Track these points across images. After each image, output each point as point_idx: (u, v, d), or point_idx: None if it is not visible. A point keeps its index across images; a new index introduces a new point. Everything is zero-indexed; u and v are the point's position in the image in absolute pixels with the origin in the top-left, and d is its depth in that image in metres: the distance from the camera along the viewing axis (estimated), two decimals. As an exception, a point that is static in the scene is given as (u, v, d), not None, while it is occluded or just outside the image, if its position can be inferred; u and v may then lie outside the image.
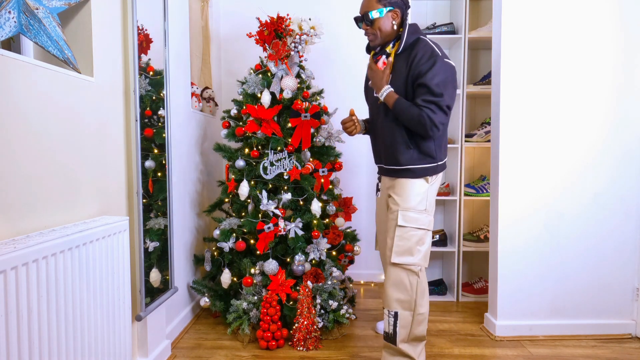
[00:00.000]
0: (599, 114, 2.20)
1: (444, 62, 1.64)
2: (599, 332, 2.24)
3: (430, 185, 1.73)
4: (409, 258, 1.69)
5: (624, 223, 2.23)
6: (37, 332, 1.06)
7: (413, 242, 1.69)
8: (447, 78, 1.63)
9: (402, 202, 1.72)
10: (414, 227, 1.70)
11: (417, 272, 1.69)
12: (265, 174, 2.23)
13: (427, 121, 1.60)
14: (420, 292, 1.70)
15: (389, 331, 1.72)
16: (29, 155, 1.17)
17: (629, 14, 2.17)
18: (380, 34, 1.74)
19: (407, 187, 1.72)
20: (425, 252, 1.72)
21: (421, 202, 1.71)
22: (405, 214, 1.70)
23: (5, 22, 1.11)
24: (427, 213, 1.72)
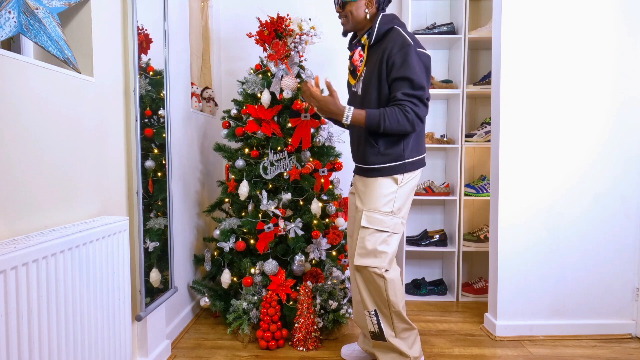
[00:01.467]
0: (600, 115, 2.20)
1: (417, 52, 1.57)
2: (599, 332, 2.24)
3: (400, 186, 1.66)
4: (372, 260, 1.64)
5: (624, 224, 2.23)
6: (37, 332, 1.06)
7: (376, 244, 1.63)
8: (422, 69, 1.56)
9: (368, 202, 1.67)
10: (377, 229, 1.64)
11: (382, 275, 1.64)
12: (265, 174, 2.23)
13: (413, 115, 1.53)
14: (391, 290, 1.65)
15: (375, 330, 1.70)
16: (29, 155, 1.17)
17: (631, 13, 2.17)
18: (351, 19, 1.69)
19: (374, 188, 1.67)
20: (390, 255, 1.66)
21: (387, 204, 1.65)
22: (369, 214, 1.65)
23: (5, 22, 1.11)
24: (393, 215, 1.66)
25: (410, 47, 1.56)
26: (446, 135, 3.00)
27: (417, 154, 1.69)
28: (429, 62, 1.62)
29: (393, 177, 1.66)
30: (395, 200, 1.66)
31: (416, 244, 2.87)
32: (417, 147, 1.69)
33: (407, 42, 1.57)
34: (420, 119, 1.56)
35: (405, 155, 1.65)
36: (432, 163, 3.09)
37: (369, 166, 1.68)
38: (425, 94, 1.56)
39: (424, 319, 2.47)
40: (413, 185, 1.71)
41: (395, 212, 1.66)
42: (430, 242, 2.87)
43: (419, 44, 1.62)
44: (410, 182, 1.69)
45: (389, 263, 1.65)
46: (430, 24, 2.93)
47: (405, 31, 1.63)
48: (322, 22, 2.42)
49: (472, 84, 2.79)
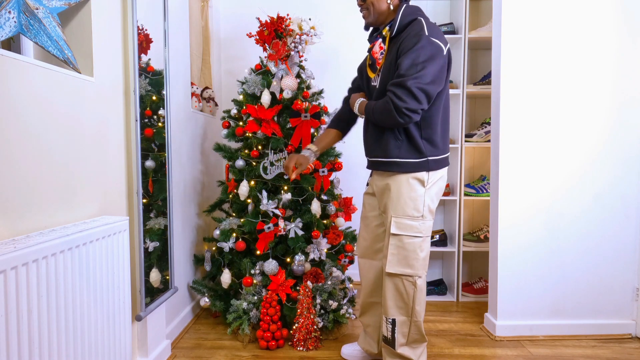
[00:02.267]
0: (600, 114, 2.20)
1: (429, 40, 1.46)
2: (599, 332, 2.24)
3: (427, 188, 1.60)
4: (405, 268, 1.60)
5: (624, 224, 2.23)
6: (37, 332, 1.06)
7: (409, 250, 1.59)
8: (423, 58, 1.44)
9: (396, 207, 1.60)
10: (409, 234, 1.59)
11: (414, 282, 1.60)
12: (265, 174, 2.23)
13: (392, 107, 1.45)
14: (417, 299, 1.62)
15: (387, 335, 1.67)
16: (29, 155, 1.17)
17: (632, 14, 2.17)
18: (373, 11, 1.61)
19: (401, 191, 1.60)
20: (423, 260, 1.62)
21: (416, 208, 1.59)
22: (398, 220, 1.59)
23: (5, 22, 1.11)
24: (423, 219, 1.60)
25: (422, 36, 1.46)
26: (446, 135, 3.00)
27: (442, 152, 1.62)
28: (441, 53, 1.48)
29: (418, 178, 1.59)
30: (424, 203, 1.60)
31: (416, 244, 2.87)
32: (442, 146, 1.62)
33: (421, 32, 1.48)
34: (402, 112, 1.45)
35: (426, 152, 1.58)
36: (432, 163, 3.08)
37: (389, 159, 1.60)
38: (414, 85, 1.42)
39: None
40: (442, 185, 1.65)
41: (427, 215, 1.61)
42: (430, 242, 2.87)
43: (437, 33, 1.51)
44: (438, 182, 1.63)
45: (422, 269, 1.62)
46: (430, 24, 2.93)
47: (428, 23, 1.53)
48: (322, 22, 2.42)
49: (472, 84, 2.79)
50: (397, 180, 1.61)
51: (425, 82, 1.44)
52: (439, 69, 1.49)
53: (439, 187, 1.65)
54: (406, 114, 1.45)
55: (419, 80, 1.43)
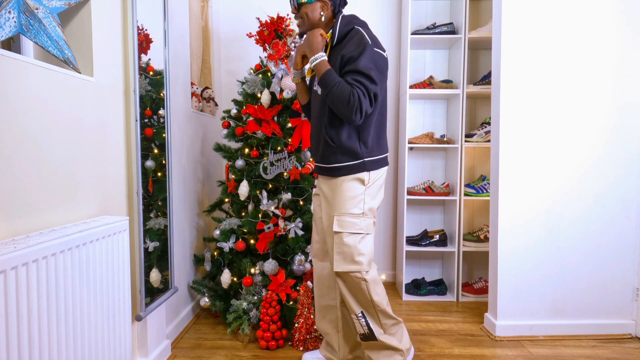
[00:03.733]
0: (600, 115, 2.20)
1: (374, 50, 1.56)
2: (599, 332, 2.24)
3: (367, 186, 1.65)
4: (351, 266, 1.63)
5: (624, 224, 2.23)
6: (37, 332, 1.06)
7: (352, 247, 1.63)
8: (375, 66, 1.54)
9: (337, 206, 1.65)
10: (350, 231, 1.63)
11: (363, 277, 1.63)
12: (265, 174, 2.23)
13: (356, 102, 1.50)
14: (373, 289, 1.65)
15: (365, 332, 1.69)
16: (29, 155, 1.17)
17: (630, 14, 2.17)
18: (307, 21, 1.68)
19: (341, 190, 1.65)
20: (368, 256, 1.65)
21: (357, 206, 1.64)
22: (340, 219, 1.63)
23: (5, 22, 1.11)
24: (364, 217, 1.64)
25: (367, 44, 1.55)
26: (446, 135, 3.01)
27: (378, 154, 1.68)
28: (384, 63, 1.61)
29: (359, 177, 1.64)
30: (364, 201, 1.65)
31: (416, 244, 2.87)
32: (378, 147, 1.68)
33: (365, 40, 1.57)
34: (361, 109, 1.51)
35: (362, 154, 1.63)
36: (432, 163, 3.09)
37: (330, 165, 1.66)
38: (373, 90, 1.52)
39: (424, 319, 2.47)
40: (380, 184, 1.71)
41: (367, 213, 1.66)
42: (430, 242, 2.87)
43: (378, 44, 1.61)
44: (377, 181, 1.69)
45: (368, 264, 1.65)
46: (430, 24, 2.93)
47: (366, 31, 1.62)
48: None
49: (472, 84, 2.79)
50: (339, 182, 1.66)
51: (377, 88, 1.55)
52: (383, 76, 1.61)
53: (378, 186, 1.70)
54: (363, 111, 1.53)
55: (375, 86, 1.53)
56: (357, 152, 1.63)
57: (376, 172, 1.68)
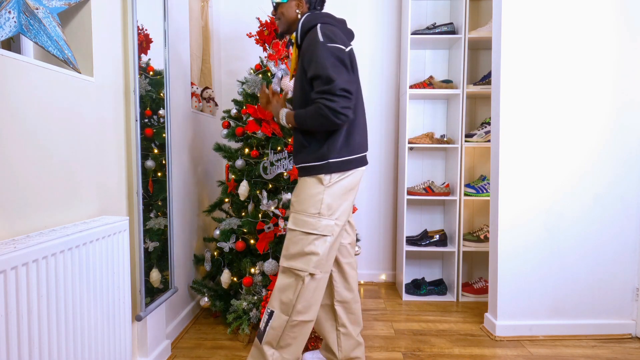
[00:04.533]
0: (600, 115, 2.20)
1: (326, 47, 1.50)
2: (599, 332, 2.24)
3: (327, 186, 1.58)
4: (296, 262, 1.58)
5: (624, 223, 2.23)
6: (37, 332, 1.06)
7: (303, 245, 1.58)
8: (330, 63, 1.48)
9: (295, 203, 1.62)
10: (304, 230, 1.58)
11: (303, 278, 1.57)
12: (265, 174, 2.23)
13: (327, 111, 1.46)
14: (303, 298, 1.58)
15: (261, 327, 1.64)
16: (29, 155, 1.17)
17: (630, 14, 2.17)
18: (283, 20, 1.69)
19: (301, 188, 1.63)
20: (317, 259, 1.57)
21: (314, 206, 1.58)
22: (296, 216, 1.60)
23: (5, 22, 1.11)
24: (320, 217, 1.58)
25: (318, 44, 1.51)
26: (446, 135, 3.01)
27: (347, 154, 1.61)
28: (340, 54, 1.52)
29: (318, 177, 1.59)
30: (322, 201, 1.58)
31: (416, 244, 2.87)
32: (347, 148, 1.61)
33: (316, 40, 1.52)
34: (337, 112, 1.47)
35: (328, 155, 1.58)
36: (432, 163, 3.09)
37: (299, 165, 1.64)
38: (338, 86, 1.46)
39: (424, 319, 2.47)
40: (346, 185, 1.62)
41: (324, 213, 1.58)
42: (430, 242, 2.87)
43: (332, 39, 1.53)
44: (342, 181, 1.61)
45: (315, 267, 1.58)
46: (430, 24, 2.93)
47: (326, 28, 1.56)
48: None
49: (472, 84, 2.79)
50: (301, 181, 1.65)
51: (345, 83, 1.48)
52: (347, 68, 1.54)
53: (342, 187, 1.61)
54: (341, 112, 1.47)
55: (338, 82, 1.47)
56: (323, 153, 1.59)
57: (341, 173, 1.61)
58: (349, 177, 1.63)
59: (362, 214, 3.15)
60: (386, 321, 2.44)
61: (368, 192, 3.16)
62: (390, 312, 2.59)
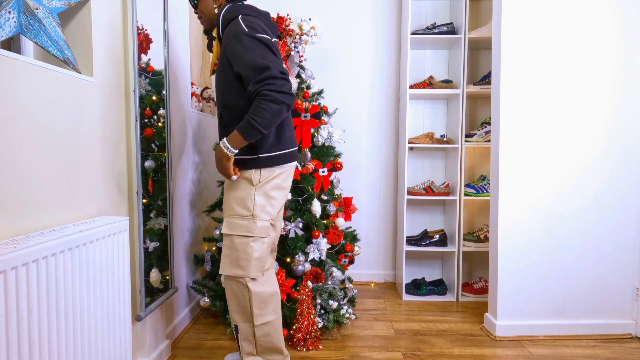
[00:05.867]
0: (599, 114, 2.20)
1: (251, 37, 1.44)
2: (599, 332, 2.24)
3: (258, 186, 1.53)
4: (236, 269, 1.54)
5: (624, 223, 2.23)
6: (37, 332, 1.06)
7: (239, 250, 1.53)
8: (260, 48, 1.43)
9: (226, 207, 1.57)
10: (239, 234, 1.53)
11: (246, 284, 1.55)
12: (265, 174, 2.23)
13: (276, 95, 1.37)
14: (255, 302, 1.55)
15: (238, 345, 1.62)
16: (29, 156, 1.17)
17: (629, 14, 2.17)
18: (204, 17, 1.66)
19: (230, 190, 1.57)
20: (256, 260, 1.55)
21: (246, 207, 1.52)
22: (229, 220, 1.55)
23: (5, 22, 1.11)
24: (254, 218, 1.53)
25: (241, 34, 1.44)
26: (446, 135, 3.01)
27: (278, 149, 1.55)
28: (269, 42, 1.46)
29: (246, 177, 1.54)
30: (255, 202, 1.53)
31: (416, 244, 2.87)
32: (277, 142, 1.55)
33: (239, 31, 1.45)
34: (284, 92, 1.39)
35: (258, 149, 1.51)
36: (432, 163, 3.09)
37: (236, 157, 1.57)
38: (274, 71, 1.39)
39: (424, 319, 2.47)
40: (279, 183, 1.57)
41: (258, 214, 1.53)
42: (430, 242, 2.87)
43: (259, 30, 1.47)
44: (274, 179, 1.55)
45: (254, 271, 1.55)
46: (430, 24, 2.93)
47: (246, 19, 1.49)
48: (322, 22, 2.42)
49: (472, 84, 2.79)
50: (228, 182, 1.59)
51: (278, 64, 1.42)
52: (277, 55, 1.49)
53: (273, 185, 1.56)
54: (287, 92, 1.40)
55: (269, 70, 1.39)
56: (253, 147, 1.51)
57: (270, 170, 1.55)
58: (280, 175, 1.58)
59: (362, 214, 3.15)
60: (386, 321, 2.44)
61: (368, 192, 3.16)
62: (390, 312, 2.59)
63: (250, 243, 1.54)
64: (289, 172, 1.62)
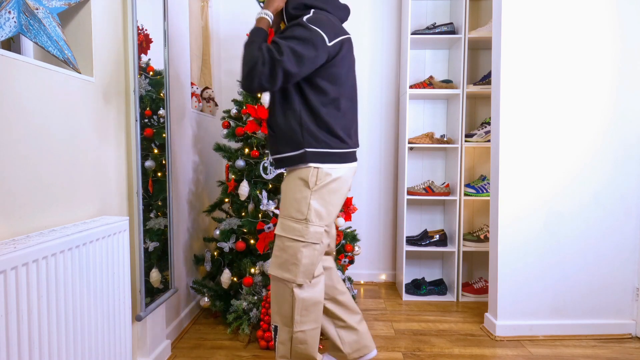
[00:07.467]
0: (599, 113, 2.20)
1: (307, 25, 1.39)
2: (599, 332, 2.24)
3: (314, 190, 1.46)
4: (283, 272, 1.50)
5: (623, 222, 2.23)
6: (37, 332, 1.06)
7: (289, 254, 1.49)
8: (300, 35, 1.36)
9: (282, 206, 1.53)
10: (290, 237, 1.48)
11: (291, 288, 1.50)
12: (266, 174, 2.23)
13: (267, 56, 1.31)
14: (298, 308, 1.50)
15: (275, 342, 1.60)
16: (29, 156, 1.17)
17: (627, 13, 2.17)
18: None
19: (287, 190, 1.51)
20: (305, 267, 1.49)
21: (300, 210, 1.47)
22: (283, 221, 1.51)
23: (5, 22, 1.11)
24: (308, 223, 1.47)
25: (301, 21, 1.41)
26: (446, 135, 3.00)
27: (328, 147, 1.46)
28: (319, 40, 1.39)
29: (302, 178, 1.47)
30: (310, 207, 1.46)
31: (416, 244, 2.87)
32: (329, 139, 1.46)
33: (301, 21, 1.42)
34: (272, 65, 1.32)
35: (303, 142, 1.43)
36: (432, 163, 3.09)
37: (275, 156, 1.53)
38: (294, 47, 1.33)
39: (424, 319, 2.47)
40: (335, 187, 1.49)
41: (312, 219, 1.47)
42: (430, 242, 2.87)
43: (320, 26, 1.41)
44: (330, 184, 1.48)
45: (302, 276, 1.50)
46: (430, 24, 2.93)
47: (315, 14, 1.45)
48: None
49: (472, 84, 2.79)
50: (287, 180, 1.54)
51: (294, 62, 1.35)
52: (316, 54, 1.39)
53: (330, 190, 1.49)
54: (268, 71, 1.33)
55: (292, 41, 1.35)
56: (299, 140, 1.43)
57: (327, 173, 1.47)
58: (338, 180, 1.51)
59: (362, 214, 3.15)
60: (386, 321, 2.44)
61: (368, 192, 3.16)
62: (390, 312, 2.59)
63: (301, 248, 1.49)
64: (347, 176, 1.53)
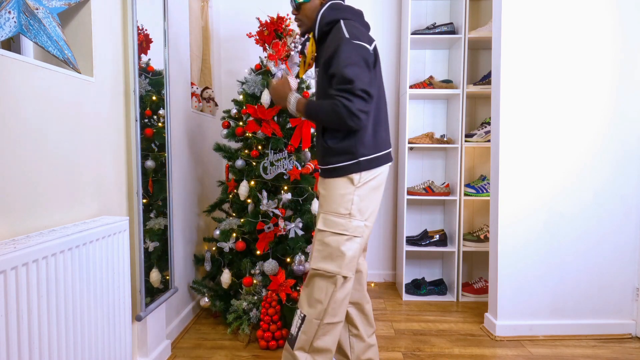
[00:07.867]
0: (599, 113, 2.20)
1: (351, 43, 1.46)
2: (599, 332, 2.24)
3: (357, 186, 1.55)
4: (329, 265, 1.54)
5: (623, 222, 2.23)
6: (37, 332, 1.06)
7: (333, 247, 1.54)
8: (353, 61, 1.45)
9: (325, 203, 1.59)
10: (334, 231, 1.54)
11: (335, 281, 1.54)
12: (265, 174, 2.23)
13: (344, 110, 1.42)
14: (334, 301, 1.55)
15: (293, 333, 1.61)
16: (29, 156, 1.17)
17: (627, 13, 2.17)
18: (306, 19, 1.62)
19: (330, 189, 1.58)
20: (349, 260, 1.54)
21: (343, 206, 1.54)
22: (325, 217, 1.56)
23: (5, 22, 1.11)
24: (351, 217, 1.54)
25: (343, 40, 1.47)
26: (446, 135, 3.00)
27: (375, 151, 1.58)
28: (365, 54, 1.49)
29: (349, 176, 1.56)
30: (353, 202, 1.55)
31: (416, 243, 2.87)
32: (375, 145, 1.58)
33: (341, 36, 1.48)
34: (353, 113, 1.43)
35: (358, 154, 1.55)
36: (432, 163, 3.09)
37: (326, 166, 1.60)
38: (358, 86, 1.43)
39: (424, 319, 2.47)
40: (375, 184, 1.60)
41: (355, 214, 1.55)
42: (431, 242, 2.87)
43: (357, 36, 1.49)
44: (371, 181, 1.58)
45: (346, 268, 1.55)
46: (430, 24, 2.93)
47: (348, 25, 1.52)
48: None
49: (472, 84, 2.79)
50: (331, 181, 1.60)
51: (364, 84, 1.45)
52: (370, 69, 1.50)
53: (371, 187, 1.59)
54: (356, 114, 1.44)
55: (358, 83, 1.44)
56: (354, 152, 1.55)
57: (369, 172, 1.58)
58: (379, 176, 1.61)
59: (362, 214, 3.15)
60: (386, 321, 2.44)
61: (368, 192, 3.16)
62: (390, 312, 2.59)
63: (345, 241, 1.54)
64: (385, 174, 1.65)
